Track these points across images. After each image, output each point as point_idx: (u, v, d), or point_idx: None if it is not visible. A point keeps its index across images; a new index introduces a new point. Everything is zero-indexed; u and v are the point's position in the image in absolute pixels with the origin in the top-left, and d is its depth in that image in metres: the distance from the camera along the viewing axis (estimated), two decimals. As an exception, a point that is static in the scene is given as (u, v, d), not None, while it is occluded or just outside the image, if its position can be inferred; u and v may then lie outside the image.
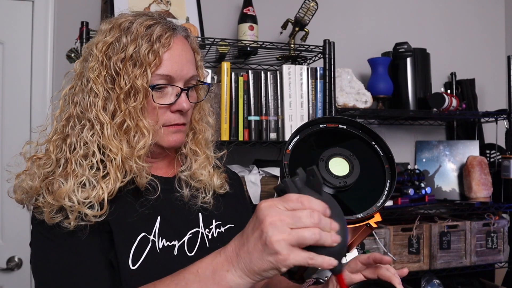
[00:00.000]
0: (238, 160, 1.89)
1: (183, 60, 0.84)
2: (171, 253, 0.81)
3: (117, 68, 0.79)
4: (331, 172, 0.86)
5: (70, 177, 0.76)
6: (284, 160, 0.87)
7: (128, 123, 0.79)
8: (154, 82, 0.81)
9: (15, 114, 1.79)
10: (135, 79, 0.78)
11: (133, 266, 0.77)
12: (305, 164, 0.89)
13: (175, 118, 0.85)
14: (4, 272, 1.75)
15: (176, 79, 0.83)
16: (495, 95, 2.43)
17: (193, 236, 0.86)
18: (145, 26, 0.81)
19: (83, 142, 0.79)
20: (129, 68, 0.79)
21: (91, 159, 0.78)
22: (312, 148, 0.91)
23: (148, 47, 0.79)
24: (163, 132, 0.83)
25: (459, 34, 2.43)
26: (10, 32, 1.80)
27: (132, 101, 0.79)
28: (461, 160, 2.14)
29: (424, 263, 1.87)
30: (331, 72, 1.77)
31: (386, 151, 0.91)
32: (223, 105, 1.67)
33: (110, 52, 0.80)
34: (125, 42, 0.80)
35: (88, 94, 0.80)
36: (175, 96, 0.83)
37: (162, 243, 0.81)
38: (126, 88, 0.78)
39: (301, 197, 0.56)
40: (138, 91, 0.79)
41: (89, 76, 0.79)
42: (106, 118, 0.79)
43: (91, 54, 0.81)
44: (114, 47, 0.80)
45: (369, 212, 0.85)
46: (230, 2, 2.05)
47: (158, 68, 0.80)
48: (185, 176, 0.91)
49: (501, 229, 1.98)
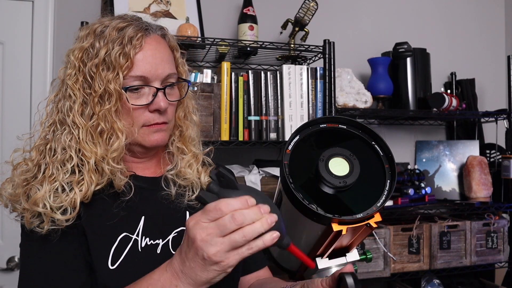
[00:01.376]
0: (238, 160, 1.89)
1: (157, 60, 0.84)
2: (153, 252, 0.82)
3: (91, 73, 0.80)
4: (331, 172, 0.86)
5: (46, 183, 0.78)
6: (284, 160, 0.87)
7: (102, 125, 0.80)
8: (128, 84, 0.81)
9: (15, 114, 1.79)
10: (108, 83, 0.79)
11: (112, 266, 0.77)
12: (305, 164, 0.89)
13: (154, 118, 0.84)
14: (4, 272, 1.75)
15: (151, 79, 0.83)
16: (495, 95, 2.43)
17: (178, 235, 0.86)
18: (117, 29, 0.82)
19: (62, 147, 0.80)
20: (102, 73, 0.80)
21: (67, 164, 0.79)
22: (312, 148, 0.91)
23: (119, 50, 0.80)
24: (144, 132, 0.84)
25: (459, 34, 2.43)
26: (10, 32, 1.80)
27: (106, 104, 0.80)
28: (461, 160, 2.14)
29: (424, 263, 1.87)
30: (331, 72, 1.77)
31: (386, 151, 0.91)
32: (223, 105, 1.67)
33: (85, 58, 0.81)
34: (98, 47, 0.81)
35: (67, 100, 0.81)
36: (152, 96, 0.83)
37: (145, 242, 0.82)
38: (100, 91, 0.79)
39: (218, 204, 0.59)
40: (111, 94, 0.79)
41: (67, 82, 0.82)
42: (82, 122, 0.80)
43: (68, 61, 0.83)
44: (89, 52, 0.81)
45: (369, 212, 0.85)
46: (230, 2, 2.05)
47: (131, 70, 0.81)
48: (171, 175, 0.91)
49: (501, 229, 1.98)
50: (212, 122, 1.65)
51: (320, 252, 0.96)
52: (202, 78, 1.69)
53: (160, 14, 1.73)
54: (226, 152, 1.92)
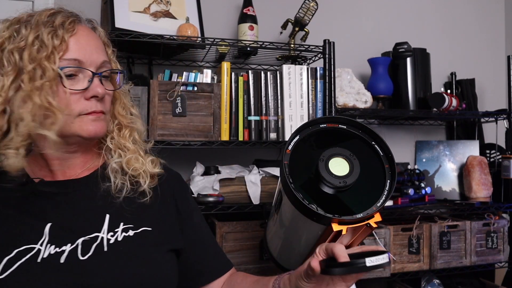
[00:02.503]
0: (238, 160, 1.89)
1: (91, 46, 0.82)
2: (55, 261, 0.76)
3: (15, 55, 0.76)
4: (331, 172, 0.86)
5: None
6: (284, 160, 0.87)
7: (35, 100, 0.75)
8: (63, 66, 0.78)
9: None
10: (42, 60, 0.75)
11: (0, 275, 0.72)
12: (305, 164, 0.89)
13: (92, 106, 0.81)
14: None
15: (86, 63, 0.80)
16: (495, 95, 2.43)
17: (91, 239, 0.80)
18: (46, 15, 0.80)
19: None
20: (33, 53, 0.76)
21: None
22: (312, 148, 0.91)
23: (51, 32, 0.77)
24: (81, 121, 0.80)
25: (459, 34, 2.43)
26: (10, 32, 1.80)
27: (38, 80, 0.75)
28: (461, 160, 2.14)
29: (424, 263, 1.87)
30: (331, 72, 1.77)
31: (386, 151, 0.91)
32: (223, 105, 1.67)
33: (7, 45, 0.78)
34: (24, 32, 0.78)
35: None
36: (87, 82, 0.80)
37: (48, 251, 0.76)
38: (31, 67, 0.75)
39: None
40: (45, 71, 0.75)
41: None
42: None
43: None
44: (12, 39, 0.78)
45: (369, 212, 0.85)
46: (230, 2, 2.05)
47: (66, 53, 0.78)
48: (116, 164, 0.87)
49: (501, 229, 1.98)
50: (212, 122, 1.65)
51: (320, 252, 0.96)
52: (202, 78, 1.70)
53: (160, 14, 1.73)
54: (226, 152, 1.92)
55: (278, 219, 1.07)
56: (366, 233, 0.90)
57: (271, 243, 1.20)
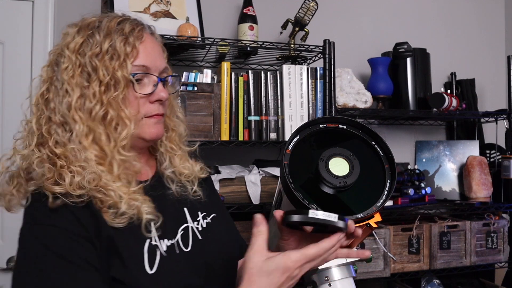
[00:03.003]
0: (238, 160, 1.89)
1: (155, 52, 0.86)
2: (173, 254, 0.81)
3: (93, 63, 0.79)
4: (331, 172, 0.86)
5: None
6: (284, 160, 0.87)
7: (111, 114, 0.79)
8: (133, 72, 0.82)
9: (15, 114, 1.79)
10: (115, 70, 0.79)
11: (150, 270, 0.75)
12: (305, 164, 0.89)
13: (155, 109, 0.85)
14: (4, 272, 1.75)
15: (152, 69, 0.84)
16: (495, 95, 2.43)
17: (185, 231, 0.86)
18: (115, 22, 0.83)
19: (76, 147, 0.78)
20: (106, 61, 0.79)
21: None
22: (312, 148, 0.91)
23: (123, 40, 0.81)
24: (144, 124, 0.84)
25: (459, 34, 2.43)
26: (10, 32, 1.80)
27: (112, 91, 0.79)
28: (461, 160, 2.14)
29: (424, 263, 1.87)
30: (331, 72, 1.77)
31: (386, 151, 0.91)
32: (223, 105, 1.67)
33: (84, 50, 0.81)
34: (98, 38, 0.81)
35: (63, 96, 0.79)
36: (152, 87, 0.84)
37: (165, 244, 0.80)
38: (106, 79, 0.78)
39: (317, 253, 0.74)
40: (118, 81, 0.79)
41: (63, 78, 0.80)
42: (83, 117, 0.79)
43: (62, 56, 0.82)
44: (88, 44, 0.81)
45: (369, 212, 0.85)
46: (230, 2, 2.05)
47: (135, 59, 0.82)
48: (170, 173, 0.91)
49: (501, 229, 1.98)
50: (212, 122, 1.65)
51: (320, 252, 0.96)
52: (202, 78, 1.69)
53: (160, 14, 1.73)
54: (226, 152, 1.92)
55: (278, 219, 1.07)
56: (366, 233, 0.90)
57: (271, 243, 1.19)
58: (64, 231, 0.72)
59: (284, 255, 0.70)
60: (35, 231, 0.73)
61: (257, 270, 0.70)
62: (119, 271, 0.73)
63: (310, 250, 0.71)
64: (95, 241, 0.73)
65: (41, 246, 0.71)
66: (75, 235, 0.72)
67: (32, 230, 0.74)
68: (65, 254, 0.71)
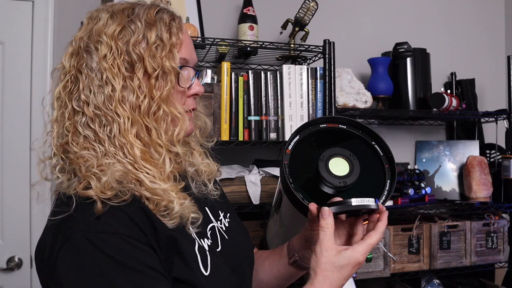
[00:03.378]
0: (238, 160, 1.89)
1: (191, 45, 0.82)
2: (214, 251, 0.79)
3: (137, 52, 0.72)
4: (331, 172, 0.86)
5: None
6: (284, 160, 0.87)
7: (164, 109, 0.73)
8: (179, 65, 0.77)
9: (15, 114, 1.79)
10: (163, 61, 0.73)
11: (205, 271, 0.73)
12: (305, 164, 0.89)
13: (191, 103, 0.81)
14: (4, 272, 1.75)
15: (190, 62, 0.80)
16: (495, 95, 2.43)
17: (212, 231, 0.83)
18: (154, 11, 0.77)
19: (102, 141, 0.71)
20: (154, 51, 0.73)
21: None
22: (312, 148, 0.91)
23: (167, 30, 0.75)
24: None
25: (459, 34, 2.43)
26: (10, 32, 1.80)
27: (162, 84, 0.73)
28: (461, 160, 2.14)
29: (424, 263, 1.87)
30: (331, 72, 1.77)
31: (386, 151, 0.91)
32: (223, 105, 1.67)
33: (124, 37, 0.73)
34: (140, 26, 0.74)
35: (100, 87, 0.71)
36: (190, 80, 0.80)
37: (206, 243, 0.77)
38: (156, 71, 0.72)
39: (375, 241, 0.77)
40: (167, 72, 0.74)
41: (102, 66, 0.71)
42: (127, 110, 0.72)
43: (98, 42, 0.73)
44: (128, 31, 0.74)
45: (369, 212, 0.85)
46: (230, 2, 2.05)
47: (179, 51, 0.77)
48: (193, 171, 0.87)
49: (501, 229, 1.98)
50: (212, 122, 1.65)
51: (320, 252, 0.96)
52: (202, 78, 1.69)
53: (160, 14, 1.73)
54: (226, 152, 1.92)
55: (278, 219, 1.07)
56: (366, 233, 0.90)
57: (271, 243, 1.20)
58: (125, 237, 0.64)
59: (352, 249, 0.73)
60: (92, 240, 0.63)
61: (330, 265, 0.71)
62: (182, 271, 0.69)
63: (373, 239, 0.74)
64: (154, 245, 0.67)
65: (104, 256, 0.63)
66: (136, 240, 0.65)
67: (86, 239, 0.63)
68: (131, 263, 0.63)
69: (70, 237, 0.64)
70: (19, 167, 1.78)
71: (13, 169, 1.78)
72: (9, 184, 1.77)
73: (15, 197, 1.77)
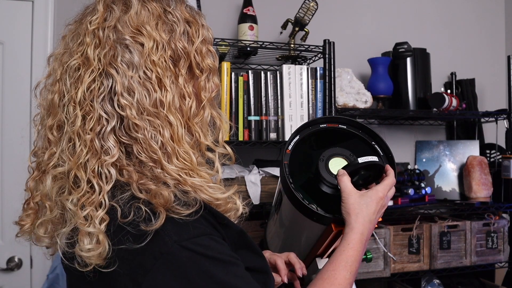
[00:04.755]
0: (238, 160, 1.89)
1: None
2: None
3: (181, 47, 0.65)
4: (331, 172, 0.86)
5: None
6: (284, 160, 0.87)
7: (212, 112, 0.69)
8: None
9: (15, 114, 1.79)
10: (208, 60, 0.68)
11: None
12: (305, 164, 0.89)
13: None
14: (4, 272, 1.75)
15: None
16: (495, 95, 2.43)
17: None
18: (184, 5, 0.71)
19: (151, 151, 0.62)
20: (201, 47, 0.67)
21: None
22: (312, 148, 0.91)
23: (204, 26, 0.70)
24: None
25: (459, 34, 2.43)
26: (10, 32, 1.80)
27: (211, 86, 0.69)
28: (461, 160, 2.14)
29: (424, 263, 1.87)
30: (331, 72, 1.77)
31: (386, 151, 0.91)
32: (223, 105, 1.67)
33: (165, 29, 0.65)
34: (179, 19, 0.67)
35: (146, 88, 0.62)
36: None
37: None
38: (206, 72, 0.67)
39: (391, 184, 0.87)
40: (213, 73, 0.70)
41: (150, 60, 0.62)
42: (178, 114, 0.65)
43: (139, 33, 0.63)
44: (165, 23, 0.65)
45: (369, 212, 0.85)
46: (230, 2, 2.05)
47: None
48: None
49: (501, 229, 1.97)
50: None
51: (320, 252, 0.96)
52: (202, 78, 1.69)
53: (160, 14, 1.72)
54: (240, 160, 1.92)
55: (278, 219, 1.07)
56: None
57: (271, 243, 1.20)
58: (210, 236, 0.61)
59: (372, 189, 0.84)
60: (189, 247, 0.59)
61: (357, 204, 0.81)
62: (256, 261, 0.69)
63: (388, 179, 0.85)
64: (226, 240, 0.65)
65: (204, 258, 0.59)
66: (216, 236, 0.62)
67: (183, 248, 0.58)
68: (226, 258, 0.61)
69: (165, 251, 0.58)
70: (19, 167, 1.77)
71: (13, 169, 1.78)
72: (9, 184, 1.77)
73: (15, 197, 1.77)
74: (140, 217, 0.58)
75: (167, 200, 0.58)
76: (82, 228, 0.58)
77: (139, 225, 0.57)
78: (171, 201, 0.59)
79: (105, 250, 0.58)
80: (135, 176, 0.60)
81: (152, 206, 0.58)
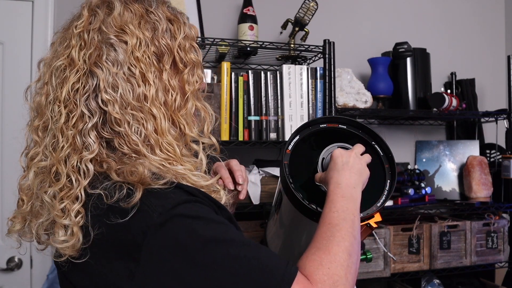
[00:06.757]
0: (238, 160, 1.89)
1: None
2: None
3: (164, 43, 0.68)
4: (331, 172, 0.85)
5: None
6: (284, 160, 0.87)
7: (196, 104, 0.72)
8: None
9: (15, 114, 1.79)
10: (191, 54, 0.71)
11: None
12: (305, 164, 0.89)
13: None
14: (4, 272, 1.75)
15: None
16: (495, 95, 2.43)
17: None
18: (165, 6, 0.74)
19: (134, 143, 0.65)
20: (184, 44, 0.70)
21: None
22: (312, 148, 0.91)
23: (186, 24, 0.73)
24: None
25: (459, 34, 2.43)
26: (10, 32, 1.80)
27: (195, 79, 0.72)
28: (461, 160, 2.14)
29: (424, 263, 1.87)
30: (331, 72, 1.77)
31: (386, 151, 0.91)
32: (223, 105, 1.67)
33: (147, 27, 0.68)
34: (161, 18, 0.70)
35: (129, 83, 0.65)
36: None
37: None
38: (189, 67, 0.70)
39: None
40: (196, 66, 0.72)
41: (130, 60, 0.65)
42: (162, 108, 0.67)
43: (123, 32, 0.66)
44: (148, 22, 0.69)
45: (369, 212, 0.85)
46: (230, 2, 2.05)
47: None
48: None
49: (501, 229, 1.97)
50: (212, 122, 1.65)
51: (320, 252, 0.96)
52: (202, 78, 1.69)
53: (160, 14, 1.72)
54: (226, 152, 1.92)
55: (278, 219, 1.07)
56: (366, 233, 0.90)
57: (271, 243, 1.20)
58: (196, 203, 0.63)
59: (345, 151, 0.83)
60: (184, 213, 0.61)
61: (329, 172, 0.80)
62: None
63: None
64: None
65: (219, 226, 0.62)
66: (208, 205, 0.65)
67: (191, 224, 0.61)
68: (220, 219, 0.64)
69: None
70: (19, 168, 1.77)
71: (13, 169, 1.77)
72: (9, 184, 1.77)
73: (15, 197, 1.77)
74: (122, 194, 0.60)
75: (142, 175, 0.60)
76: (58, 220, 0.62)
77: (121, 202, 0.60)
78: (146, 176, 0.61)
79: (78, 241, 0.61)
80: (113, 164, 0.63)
81: (131, 185, 0.61)
